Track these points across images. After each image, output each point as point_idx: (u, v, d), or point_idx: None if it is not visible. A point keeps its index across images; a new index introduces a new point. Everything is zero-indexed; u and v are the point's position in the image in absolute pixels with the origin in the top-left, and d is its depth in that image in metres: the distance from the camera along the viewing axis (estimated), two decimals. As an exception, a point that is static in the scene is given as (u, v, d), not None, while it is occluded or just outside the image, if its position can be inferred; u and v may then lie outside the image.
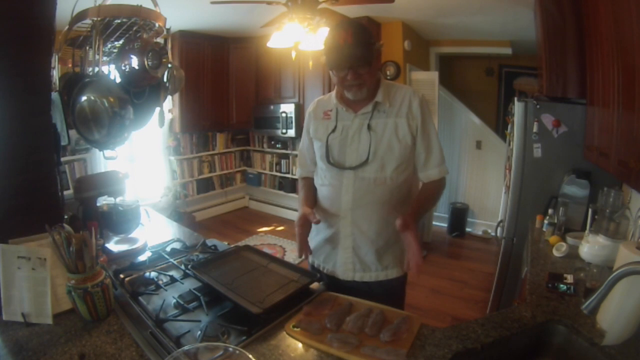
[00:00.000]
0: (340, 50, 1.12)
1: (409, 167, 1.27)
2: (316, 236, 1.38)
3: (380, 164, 1.23)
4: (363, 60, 1.13)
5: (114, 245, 1.53)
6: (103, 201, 1.56)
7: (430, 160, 1.27)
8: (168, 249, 1.52)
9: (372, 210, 1.25)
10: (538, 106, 2.26)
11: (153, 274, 1.29)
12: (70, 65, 1.53)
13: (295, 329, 0.99)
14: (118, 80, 1.43)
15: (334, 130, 1.28)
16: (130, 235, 1.61)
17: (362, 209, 1.25)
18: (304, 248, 1.29)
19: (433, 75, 4.14)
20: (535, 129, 2.26)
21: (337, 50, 1.13)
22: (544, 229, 1.87)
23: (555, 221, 1.82)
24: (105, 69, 1.46)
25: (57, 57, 1.38)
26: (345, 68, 1.14)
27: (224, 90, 4.95)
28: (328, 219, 1.32)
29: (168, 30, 1.46)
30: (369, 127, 1.23)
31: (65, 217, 1.35)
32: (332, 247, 1.32)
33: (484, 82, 5.11)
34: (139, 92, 1.49)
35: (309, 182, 1.45)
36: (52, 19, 1.20)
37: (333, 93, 1.32)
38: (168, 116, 4.54)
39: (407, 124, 1.22)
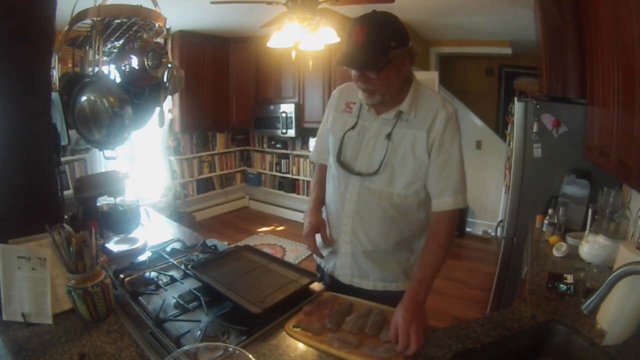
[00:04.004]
0: (348, 48, 1.01)
1: (422, 188, 1.14)
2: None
3: (389, 178, 1.13)
4: (368, 65, 1.01)
5: (114, 245, 1.53)
6: (103, 201, 1.56)
7: (444, 185, 1.10)
8: (168, 249, 1.52)
9: (372, 223, 1.17)
10: (538, 106, 2.26)
11: (153, 274, 1.29)
12: (70, 65, 1.52)
13: (295, 329, 0.99)
14: (118, 80, 1.43)
15: (353, 127, 1.18)
16: (130, 235, 1.60)
17: (363, 220, 1.18)
18: (318, 254, 1.28)
19: (433, 75, 4.14)
20: (535, 129, 2.26)
21: (345, 47, 1.02)
22: (544, 229, 1.87)
23: (555, 221, 1.82)
24: (105, 69, 1.46)
25: (57, 57, 1.38)
26: (349, 68, 1.04)
27: (224, 90, 4.95)
28: (331, 218, 1.28)
29: (168, 30, 1.46)
30: (388, 136, 1.12)
31: (65, 217, 1.35)
32: (333, 248, 1.28)
33: (484, 82, 5.11)
34: (139, 92, 1.49)
35: (323, 177, 1.35)
36: (52, 19, 1.20)
37: None
38: (168, 116, 4.54)
39: (426, 138, 1.09)
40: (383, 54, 1.00)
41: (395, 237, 1.19)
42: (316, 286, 1.22)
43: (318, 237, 1.32)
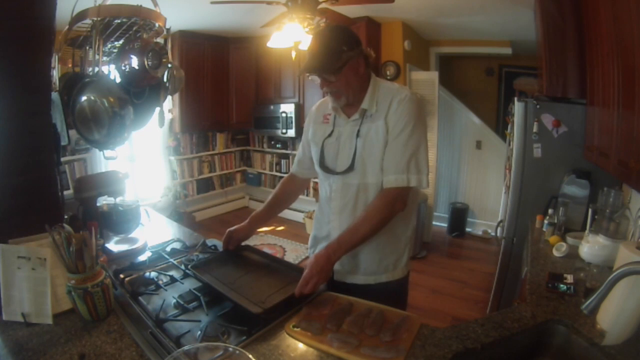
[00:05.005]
0: (306, 57, 1.16)
1: None
2: (315, 231, 1.42)
3: (363, 171, 1.21)
4: (324, 69, 1.14)
5: (114, 245, 1.53)
6: (103, 201, 1.56)
7: (388, 163, 1.17)
8: (168, 249, 1.52)
9: (356, 215, 1.23)
10: (538, 106, 2.26)
11: (153, 274, 1.29)
12: (70, 65, 1.52)
13: (295, 329, 0.99)
14: (118, 80, 1.43)
15: (330, 135, 1.29)
16: (130, 235, 1.60)
17: (348, 216, 1.25)
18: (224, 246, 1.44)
19: (433, 75, 4.14)
20: (535, 129, 2.26)
21: (306, 57, 1.17)
22: (544, 229, 1.87)
23: (555, 221, 1.82)
24: (105, 69, 1.46)
25: (57, 57, 1.38)
26: (310, 75, 1.17)
27: (224, 90, 4.94)
28: (323, 217, 1.35)
29: (168, 30, 1.46)
30: (357, 133, 1.22)
31: (65, 217, 1.34)
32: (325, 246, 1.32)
33: (484, 82, 5.11)
34: (139, 92, 1.49)
35: (287, 188, 1.51)
36: (52, 19, 1.20)
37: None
38: (168, 116, 4.54)
39: (384, 126, 1.17)
40: (337, 57, 1.13)
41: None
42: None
43: (313, 238, 1.42)
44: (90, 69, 1.41)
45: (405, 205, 1.20)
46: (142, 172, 4.44)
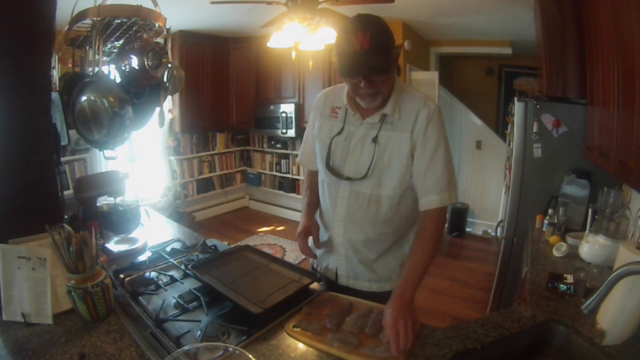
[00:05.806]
0: (356, 56, 0.98)
1: (410, 188, 1.15)
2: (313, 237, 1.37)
3: (378, 181, 1.14)
4: (380, 68, 1.00)
5: (114, 245, 1.53)
6: (103, 201, 1.56)
7: (429, 183, 1.10)
8: (168, 249, 1.52)
9: (364, 225, 1.18)
10: (538, 106, 2.26)
11: (153, 274, 1.29)
12: (70, 65, 1.52)
13: (295, 329, 0.99)
14: (118, 80, 1.43)
15: (339, 133, 1.19)
16: (130, 235, 1.60)
17: (355, 223, 1.19)
18: (309, 255, 1.28)
19: (433, 75, 4.14)
20: (535, 129, 2.27)
21: (351, 56, 0.99)
22: (544, 229, 1.87)
23: (555, 221, 1.82)
24: (105, 69, 1.46)
25: (57, 57, 1.38)
26: (360, 76, 1.02)
27: (224, 90, 4.95)
28: (325, 221, 1.30)
29: (168, 30, 1.46)
30: (375, 139, 1.13)
31: (65, 217, 1.35)
32: (327, 249, 1.30)
33: (484, 82, 5.11)
34: (139, 92, 1.49)
35: (314, 182, 1.36)
36: (52, 19, 1.20)
37: (345, 88, 1.19)
38: (168, 116, 4.54)
39: (409, 139, 1.10)
40: (388, 55, 1.01)
41: (387, 237, 1.20)
42: (316, 286, 1.22)
43: (311, 239, 1.34)
44: (90, 69, 1.41)
45: (446, 222, 1.17)
46: (142, 172, 4.44)
